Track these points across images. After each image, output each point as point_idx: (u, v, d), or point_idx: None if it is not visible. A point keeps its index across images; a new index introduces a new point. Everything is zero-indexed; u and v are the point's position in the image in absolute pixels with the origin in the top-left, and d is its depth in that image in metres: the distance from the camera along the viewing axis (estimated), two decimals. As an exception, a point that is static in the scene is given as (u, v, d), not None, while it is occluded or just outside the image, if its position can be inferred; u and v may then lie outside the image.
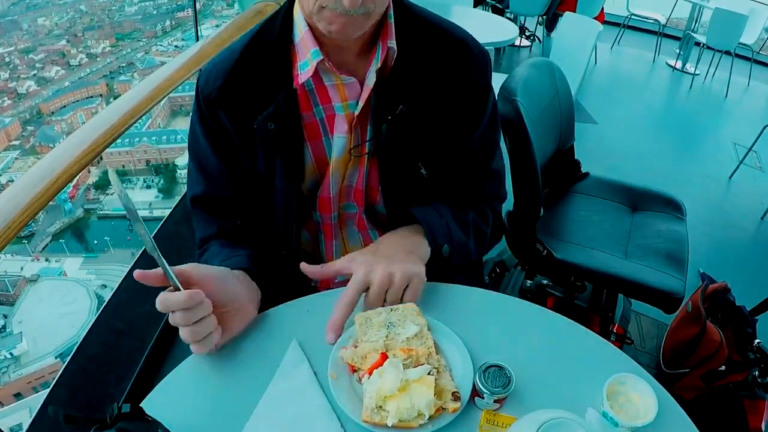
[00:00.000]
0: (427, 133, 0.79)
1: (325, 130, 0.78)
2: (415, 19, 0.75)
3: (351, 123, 0.76)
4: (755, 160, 3.52)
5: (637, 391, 0.64)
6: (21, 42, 25.03)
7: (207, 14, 19.42)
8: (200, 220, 0.87)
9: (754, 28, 4.66)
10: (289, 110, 0.73)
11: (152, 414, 0.55)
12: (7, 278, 14.26)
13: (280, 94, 0.72)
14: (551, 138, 1.61)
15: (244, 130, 0.75)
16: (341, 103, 0.75)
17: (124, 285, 1.92)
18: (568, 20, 2.58)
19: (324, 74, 0.73)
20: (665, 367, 1.75)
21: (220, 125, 0.77)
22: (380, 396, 0.62)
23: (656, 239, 1.53)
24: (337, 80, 0.73)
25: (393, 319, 0.71)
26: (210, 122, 0.77)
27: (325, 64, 0.70)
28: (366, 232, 0.93)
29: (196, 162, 0.83)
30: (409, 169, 0.81)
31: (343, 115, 0.76)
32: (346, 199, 0.87)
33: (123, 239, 16.21)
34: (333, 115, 0.76)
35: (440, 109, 0.78)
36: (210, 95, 0.75)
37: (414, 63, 0.73)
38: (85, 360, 1.64)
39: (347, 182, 0.84)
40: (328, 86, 0.74)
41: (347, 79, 0.72)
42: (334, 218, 0.89)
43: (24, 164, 18.68)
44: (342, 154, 0.79)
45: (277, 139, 0.74)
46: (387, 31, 0.71)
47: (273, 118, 0.72)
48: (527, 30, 5.22)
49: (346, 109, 0.75)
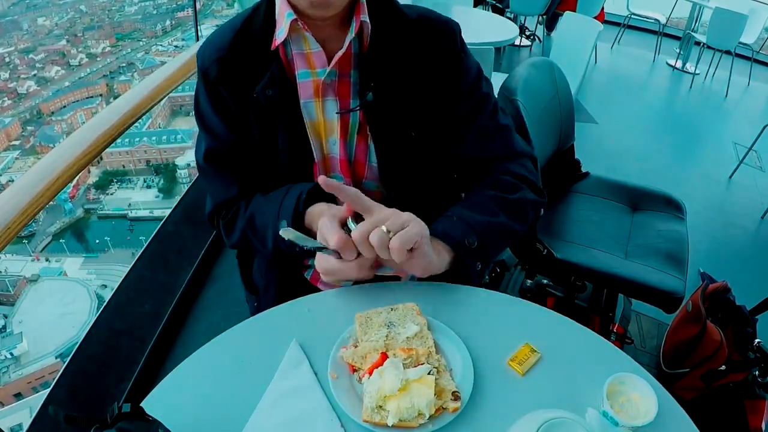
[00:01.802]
0: (412, 102, 0.83)
1: (307, 93, 0.82)
2: (384, 3, 0.80)
3: (317, 89, 0.80)
4: (755, 159, 3.52)
5: (638, 390, 0.64)
6: (21, 42, 25.03)
7: (207, 14, 19.39)
8: (216, 179, 0.88)
9: (754, 27, 4.66)
10: (282, 76, 0.78)
11: (152, 414, 0.55)
12: (7, 278, 14.26)
13: (272, 64, 0.78)
14: (551, 138, 1.61)
15: (243, 102, 0.80)
16: (309, 71, 0.80)
17: (124, 285, 1.92)
18: (568, 20, 2.58)
19: (295, 45, 0.79)
20: (665, 366, 1.75)
21: (222, 99, 0.82)
22: (380, 396, 0.62)
23: (656, 239, 1.53)
24: (307, 49, 0.79)
25: (393, 319, 0.72)
26: (213, 95, 0.82)
27: (298, 26, 0.75)
28: None
29: (204, 126, 0.86)
30: (399, 138, 0.84)
31: (310, 81, 0.80)
32: (332, 170, 0.88)
33: (123, 239, 16.22)
34: (303, 82, 0.81)
35: (420, 79, 0.82)
36: (209, 73, 0.80)
37: (387, 40, 0.79)
38: (85, 360, 1.65)
39: (329, 152, 0.85)
40: (296, 54, 0.79)
41: (315, 47, 0.77)
42: None
43: (24, 164, 18.68)
44: (314, 120, 0.83)
45: (277, 103, 0.79)
46: (359, 7, 0.77)
47: (269, 85, 0.78)
48: (527, 29, 5.22)
49: (314, 76, 0.80)
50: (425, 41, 0.82)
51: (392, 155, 0.85)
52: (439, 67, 0.83)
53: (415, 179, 0.88)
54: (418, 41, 0.82)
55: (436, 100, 0.84)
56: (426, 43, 0.82)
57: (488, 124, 0.89)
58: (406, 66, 0.81)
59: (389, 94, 0.80)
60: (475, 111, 0.87)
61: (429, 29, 0.83)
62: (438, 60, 0.83)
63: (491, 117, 0.89)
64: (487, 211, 0.81)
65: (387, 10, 0.80)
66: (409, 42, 0.81)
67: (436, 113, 0.85)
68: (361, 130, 0.83)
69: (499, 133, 0.90)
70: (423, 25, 0.83)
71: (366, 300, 0.77)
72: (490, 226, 0.80)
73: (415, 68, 0.81)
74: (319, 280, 0.99)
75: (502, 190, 0.85)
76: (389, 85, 0.80)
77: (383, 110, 0.81)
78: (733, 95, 4.74)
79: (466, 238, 0.76)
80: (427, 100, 0.84)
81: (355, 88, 0.81)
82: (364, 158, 0.86)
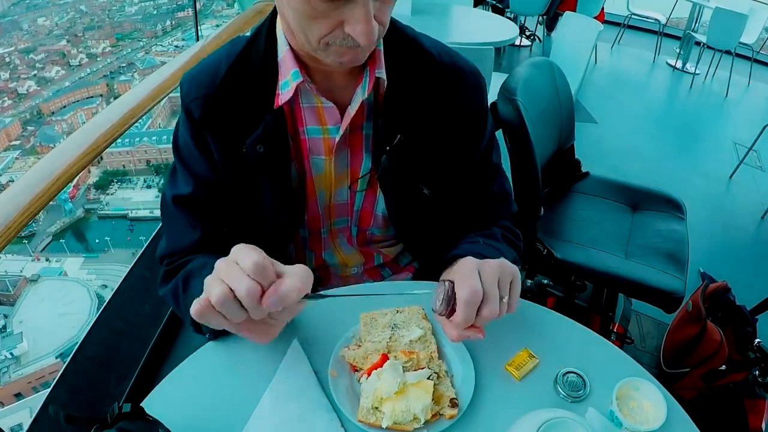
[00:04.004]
0: (427, 160, 0.77)
1: (310, 150, 0.76)
2: (408, 44, 0.72)
3: (330, 148, 0.74)
4: (755, 159, 3.52)
5: (650, 400, 0.64)
6: (21, 42, 25.02)
7: (207, 14, 19.38)
8: (179, 224, 0.76)
9: (755, 27, 4.66)
10: (278, 131, 0.71)
11: (153, 414, 0.55)
12: (7, 278, 14.25)
13: (267, 115, 0.70)
14: (551, 137, 1.61)
15: (230, 152, 0.72)
16: (320, 127, 0.73)
17: (125, 285, 1.92)
18: (569, 20, 2.58)
19: (304, 96, 0.71)
20: (665, 366, 1.75)
21: (206, 142, 0.73)
22: (377, 397, 0.62)
23: (656, 239, 1.53)
24: (318, 103, 0.71)
25: (398, 321, 0.72)
26: (197, 135, 0.74)
27: (306, 86, 0.68)
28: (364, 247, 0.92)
29: (182, 162, 0.77)
30: (411, 194, 0.79)
31: (321, 139, 0.74)
32: (337, 215, 0.85)
33: (123, 239, 16.20)
34: (313, 138, 0.75)
35: (438, 135, 0.76)
36: (192, 112, 0.71)
37: (407, 90, 0.72)
38: (85, 360, 1.64)
39: (335, 200, 0.82)
40: (306, 108, 0.72)
41: (326, 103, 0.70)
42: (324, 233, 0.87)
43: (24, 164, 18.67)
44: (321, 173, 0.78)
45: (266, 161, 0.72)
46: (376, 58, 0.69)
47: (262, 141, 0.70)
48: (527, 29, 5.22)
49: (325, 133, 0.74)
50: (452, 96, 0.74)
51: (402, 208, 0.81)
52: (462, 122, 0.77)
53: (425, 228, 0.86)
54: (441, 94, 0.74)
55: (453, 159, 0.79)
56: (453, 98, 0.74)
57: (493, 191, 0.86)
58: (425, 118, 0.74)
59: (406, 154, 0.74)
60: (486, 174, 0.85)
61: (457, 80, 0.74)
62: (461, 115, 0.76)
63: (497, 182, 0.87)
64: (496, 241, 0.81)
65: (409, 53, 0.72)
66: (430, 94, 0.73)
67: (450, 170, 0.80)
68: (371, 181, 0.79)
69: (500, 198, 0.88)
70: (451, 73, 0.74)
71: (367, 300, 0.76)
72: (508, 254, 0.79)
73: (435, 121, 0.74)
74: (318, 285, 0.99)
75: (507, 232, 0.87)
76: (405, 144, 0.73)
77: (398, 169, 0.75)
78: (733, 95, 4.74)
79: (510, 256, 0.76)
80: (445, 158, 0.78)
81: (367, 140, 0.75)
82: (371, 208, 0.83)
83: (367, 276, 0.97)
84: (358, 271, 0.96)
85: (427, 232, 0.87)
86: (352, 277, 0.96)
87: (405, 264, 0.99)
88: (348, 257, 0.92)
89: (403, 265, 0.99)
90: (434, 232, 0.87)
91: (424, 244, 0.89)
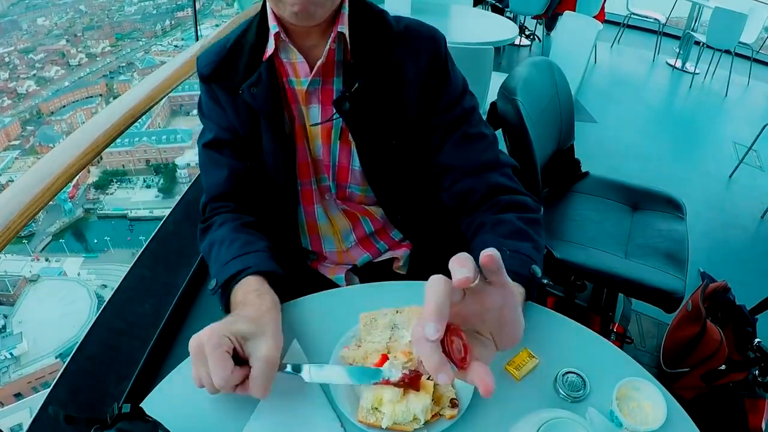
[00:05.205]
0: (390, 110, 0.85)
1: (296, 99, 0.86)
2: (371, 13, 0.84)
3: (302, 97, 0.85)
4: (755, 159, 3.52)
5: (650, 400, 0.64)
6: (21, 42, 25.03)
7: (206, 14, 19.42)
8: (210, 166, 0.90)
9: (754, 27, 4.66)
10: (269, 78, 0.82)
11: (152, 414, 0.55)
12: (7, 278, 14.27)
13: (260, 66, 0.83)
14: (551, 137, 1.61)
15: (233, 98, 0.85)
16: (295, 79, 0.84)
17: (124, 285, 1.92)
18: (568, 19, 2.58)
19: (283, 52, 0.83)
20: (665, 366, 1.75)
21: (216, 96, 0.87)
22: (376, 398, 0.62)
23: (656, 238, 1.53)
24: (294, 58, 0.83)
25: (398, 321, 0.71)
26: (210, 91, 0.88)
27: (281, 37, 0.79)
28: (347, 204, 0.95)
29: (205, 117, 0.91)
30: (381, 147, 0.86)
31: (296, 90, 0.85)
32: (319, 172, 0.92)
33: (123, 239, 16.21)
34: (293, 88, 0.85)
35: (396, 84, 0.84)
36: (203, 73, 0.87)
37: (367, 47, 0.82)
38: (85, 360, 1.64)
39: (314, 155, 0.89)
40: (286, 63, 0.84)
41: (299, 57, 0.82)
42: (313, 184, 0.92)
43: (24, 164, 18.69)
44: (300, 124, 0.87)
45: (261, 102, 0.83)
46: (339, 18, 0.80)
47: (255, 85, 0.82)
48: (527, 29, 5.22)
49: (299, 84, 0.84)
50: (408, 51, 0.84)
51: (375, 161, 0.88)
52: (422, 77, 0.84)
53: (400, 184, 0.91)
54: (401, 51, 0.84)
55: (417, 110, 0.86)
56: (409, 52, 0.84)
57: (471, 132, 0.87)
58: (387, 75, 0.83)
59: (369, 103, 0.83)
60: (458, 121, 0.86)
61: (413, 40, 0.85)
62: (420, 70, 0.84)
63: (474, 126, 0.87)
64: (525, 237, 0.78)
65: (372, 20, 0.83)
66: (392, 51, 0.83)
67: (416, 123, 0.86)
68: (344, 136, 0.86)
69: (481, 141, 0.88)
70: (408, 35, 0.85)
71: (368, 301, 0.76)
72: (537, 250, 0.78)
73: (396, 77, 0.84)
74: (319, 264, 1.03)
75: (517, 210, 0.83)
76: (369, 94, 0.82)
77: (363, 118, 0.84)
78: (733, 95, 4.74)
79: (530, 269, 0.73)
80: (408, 109, 0.85)
81: (336, 95, 0.84)
82: (347, 162, 0.89)
83: (361, 247, 1.01)
84: (352, 244, 1.00)
85: (400, 187, 0.91)
86: (349, 251, 1.00)
87: (400, 240, 1.02)
88: (335, 218, 0.97)
89: (398, 240, 1.02)
90: (408, 188, 0.92)
91: (399, 200, 0.93)
